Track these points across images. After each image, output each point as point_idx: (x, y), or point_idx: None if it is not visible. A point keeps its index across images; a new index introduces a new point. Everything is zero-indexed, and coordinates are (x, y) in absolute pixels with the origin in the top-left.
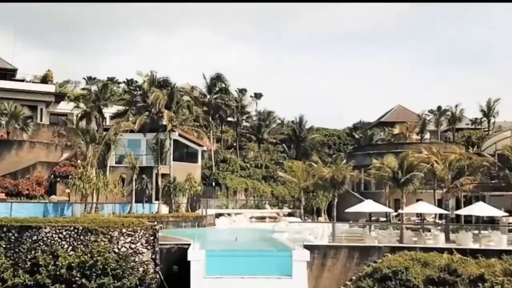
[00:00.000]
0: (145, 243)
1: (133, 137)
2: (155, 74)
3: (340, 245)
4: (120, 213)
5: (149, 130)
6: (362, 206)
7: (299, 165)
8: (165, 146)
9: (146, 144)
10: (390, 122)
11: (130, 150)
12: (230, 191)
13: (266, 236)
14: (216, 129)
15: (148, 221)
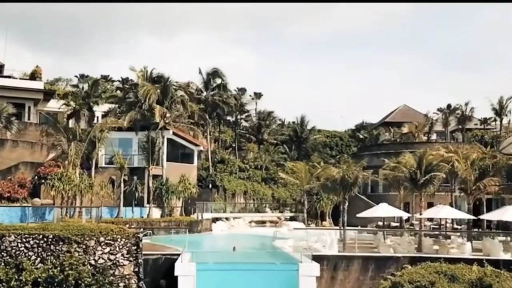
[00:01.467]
0: (126, 254)
1: (124, 135)
2: (150, 70)
3: (353, 255)
4: (107, 217)
5: (141, 128)
6: (375, 210)
7: (302, 166)
8: (157, 145)
9: (137, 143)
10: (395, 122)
11: (121, 149)
12: (228, 194)
13: (267, 244)
14: (214, 129)
15: (138, 227)
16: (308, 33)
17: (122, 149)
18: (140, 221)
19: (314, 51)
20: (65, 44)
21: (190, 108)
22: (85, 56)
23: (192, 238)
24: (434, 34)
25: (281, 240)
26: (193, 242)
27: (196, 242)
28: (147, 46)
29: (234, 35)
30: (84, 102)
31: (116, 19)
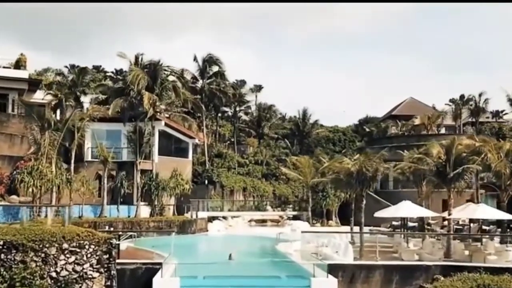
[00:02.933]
0: (96, 264)
1: (112, 127)
2: (141, 56)
3: (374, 264)
4: (90, 216)
5: (130, 118)
6: (397, 209)
7: (306, 161)
8: (146, 136)
9: (124, 135)
10: (403, 115)
11: (109, 142)
12: (226, 191)
13: (269, 248)
14: (212, 123)
15: (123, 227)
16: (308, 31)
17: (110, 142)
18: (126, 221)
19: (314, 48)
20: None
21: (183, 95)
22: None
23: (182, 241)
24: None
25: (285, 244)
26: (183, 247)
27: (187, 246)
28: (146, 47)
29: (234, 33)
30: (70, 91)
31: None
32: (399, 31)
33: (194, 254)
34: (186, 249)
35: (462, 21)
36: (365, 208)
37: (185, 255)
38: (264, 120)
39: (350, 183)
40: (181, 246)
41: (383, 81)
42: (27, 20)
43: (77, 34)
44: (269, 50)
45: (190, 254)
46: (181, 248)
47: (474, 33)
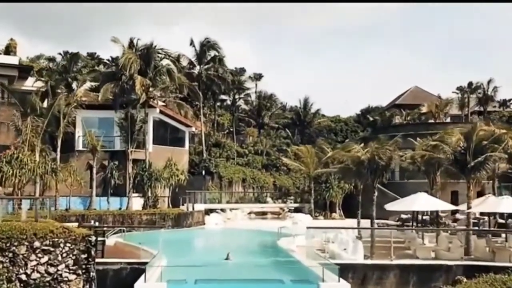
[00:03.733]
0: (73, 265)
1: (104, 115)
2: (137, 41)
3: (388, 264)
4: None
5: (122, 105)
6: (413, 201)
7: (308, 150)
8: (138, 124)
9: (115, 122)
10: (407, 104)
11: (101, 131)
12: (224, 182)
13: (270, 243)
14: (210, 112)
15: (114, 220)
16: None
17: (103, 130)
18: (117, 213)
19: (315, 40)
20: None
21: (179, 80)
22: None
23: (176, 236)
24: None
25: (287, 239)
26: (177, 242)
27: (181, 241)
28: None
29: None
30: (61, 77)
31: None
32: (402, 20)
33: (188, 251)
34: (179, 245)
35: (468, 9)
36: (370, 201)
37: (178, 252)
38: (264, 109)
39: (360, 173)
40: (174, 242)
41: (385, 71)
42: (23, 7)
43: (74, 22)
44: (269, 40)
45: (183, 251)
46: (174, 244)
47: (478, 22)
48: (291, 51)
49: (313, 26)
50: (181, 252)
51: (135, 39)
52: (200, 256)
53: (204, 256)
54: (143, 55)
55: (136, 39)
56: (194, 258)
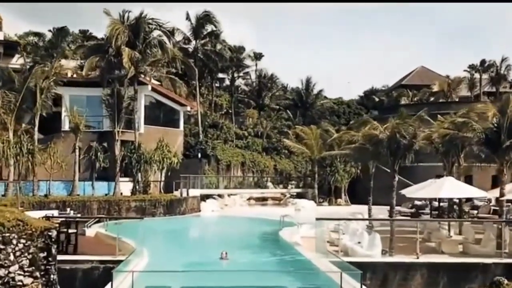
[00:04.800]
0: (28, 266)
1: (92, 92)
2: (128, 14)
3: (414, 262)
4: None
5: (110, 81)
6: (441, 186)
7: (312, 131)
8: (126, 101)
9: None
10: (413, 85)
11: (90, 110)
12: (221, 165)
13: (272, 235)
14: (208, 91)
15: (99, 207)
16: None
17: (91, 110)
18: (102, 199)
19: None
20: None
21: (172, 53)
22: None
23: (166, 225)
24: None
25: (290, 229)
26: (166, 233)
27: (170, 232)
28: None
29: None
30: (46, 53)
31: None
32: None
33: (177, 245)
34: (168, 236)
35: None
36: (379, 186)
37: (165, 246)
38: (265, 90)
39: (378, 155)
40: (162, 233)
41: (388, 52)
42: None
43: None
44: (270, 21)
45: (172, 244)
46: (162, 236)
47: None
48: (292, 33)
49: (315, 7)
50: (169, 245)
51: (127, 12)
52: (191, 251)
53: (195, 251)
54: (133, 26)
55: (127, 12)
56: (183, 254)
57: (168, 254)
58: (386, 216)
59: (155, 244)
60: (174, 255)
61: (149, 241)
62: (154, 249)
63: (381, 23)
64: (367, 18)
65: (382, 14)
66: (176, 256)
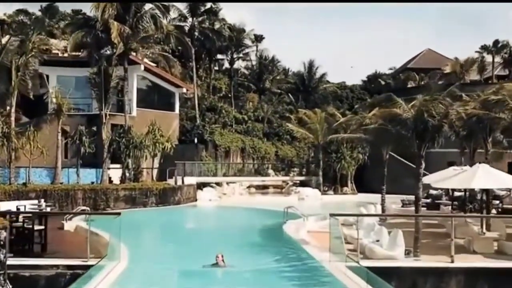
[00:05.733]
0: None
1: (81, 73)
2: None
3: (447, 266)
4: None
5: (98, 59)
6: (474, 174)
7: (317, 115)
8: (114, 80)
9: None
10: (420, 68)
11: (79, 92)
12: (220, 151)
13: (275, 230)
14: (206, 74)
15: (84, 196)
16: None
17: (80, 91)
18: (88, 188)
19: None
20: None
21: (166, 29)
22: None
23: (156, 217)
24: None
25: (295, 223)
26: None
27: (159, 226)
28: None
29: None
30: (32, 32)
31: None
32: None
33: (165, 244)
34: (156, 232)
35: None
36: (387, 173)
37: (150, 245)
38: (266, 73)
39: (401, 137)
40: (151, 227)
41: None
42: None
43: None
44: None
45: (159, 243)
46: (149, 231)
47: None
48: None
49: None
50: (156, 244)
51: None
52: (181, 251)
53: (187, 251)
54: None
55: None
56: (172, 255)
57: (152, 256)
58: (399, 206)
59: (139, 242)
60: (159, 257)
61: (132, 238)
62: (137, 249)
63: (384, 6)
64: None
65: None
66: (162, 258)
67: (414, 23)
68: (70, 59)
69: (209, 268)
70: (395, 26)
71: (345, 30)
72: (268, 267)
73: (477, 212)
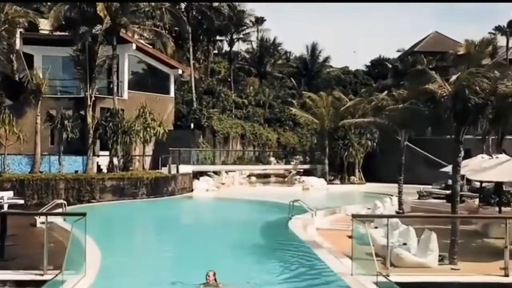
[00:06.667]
0: None
1: (68, 53)
2: None
3: (501, 282)
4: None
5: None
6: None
7: (323, 99)
8: (100, 57)
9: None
10: (427, 52)
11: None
12: (218, 138)
13: (280, 229)
14: (205, 57)
15: (66, 186)
16: None
17: (68, 73)
18: (71, 178)
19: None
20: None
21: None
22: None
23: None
24: None
25: (302, 219)
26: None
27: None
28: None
29: None
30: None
31: None
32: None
33: (148, 249)
34: (139, 232)
35: None
36: (395, 161)
37: (129, 251)
38: (267, 56)
39: (437, 119)
40: (136, 223)
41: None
42: None
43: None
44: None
45: (140, 248)
46: (132, 230)
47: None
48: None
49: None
50: (136, 248)
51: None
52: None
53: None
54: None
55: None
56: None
57: (131, 266)
58: (415, 199)
59: (118, 245)
60: (138, 270)
61: (111, 239)
62: (113, 254)
63: None
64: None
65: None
66: (141, 271)
67: (417, 8)
68: (56, 37)
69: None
70: (398, 10)
71: (346, 16)
72: (271, 283)
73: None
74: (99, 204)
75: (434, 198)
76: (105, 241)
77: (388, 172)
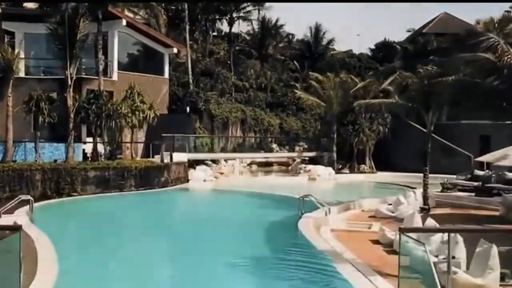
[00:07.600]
0: None
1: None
2: None
3: None
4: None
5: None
6: None
7: (331, 80)
8: (82, 32)
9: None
10: (435, 34)
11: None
12: (216, 123)
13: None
14: (204, 37)
15: (43, 177)
16: None
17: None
18: (48, 168)
19: None
20: None
21: None
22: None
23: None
24: None
25: (313, 217)
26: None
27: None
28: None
29: None
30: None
31: None
32: None
33: (124, 260)
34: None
35: None
36: (408, 148)
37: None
38: (269, 38)
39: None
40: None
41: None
42: None
43: None
44: None
45: (115, 256)
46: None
47: None
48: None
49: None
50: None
51: None
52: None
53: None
54: None
55: None
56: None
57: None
58: (437, 191)
59: (81, 257)
60: None
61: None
62: (71, 271)
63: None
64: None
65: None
66: None
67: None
68: (40, 13)
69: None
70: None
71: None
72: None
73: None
74: (80, 197)
75: (459, 191)
76: (66, 249)
77: (400, 160)
